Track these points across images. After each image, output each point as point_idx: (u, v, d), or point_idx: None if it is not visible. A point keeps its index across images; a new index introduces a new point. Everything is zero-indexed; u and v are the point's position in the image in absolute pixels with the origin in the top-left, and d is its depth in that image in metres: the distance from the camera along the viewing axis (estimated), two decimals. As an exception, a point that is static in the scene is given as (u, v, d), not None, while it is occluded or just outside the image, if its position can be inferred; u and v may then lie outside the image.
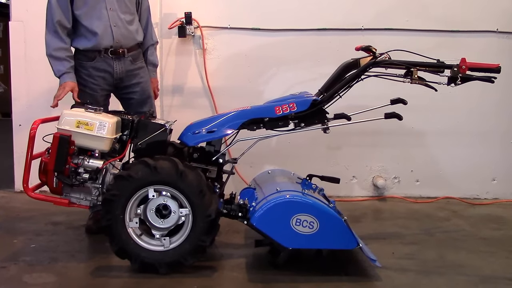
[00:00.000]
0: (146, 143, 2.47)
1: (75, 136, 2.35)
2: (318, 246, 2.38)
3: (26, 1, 3.78)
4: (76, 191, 2.44)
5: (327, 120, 2.50)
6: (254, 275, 2.36)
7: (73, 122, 2.35)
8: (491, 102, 3.88)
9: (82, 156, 2.40)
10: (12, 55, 3.84)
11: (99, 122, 2.36)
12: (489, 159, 3.91)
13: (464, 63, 2.33)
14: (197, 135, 2.48)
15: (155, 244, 2.33)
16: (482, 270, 2.45)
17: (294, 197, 2.31)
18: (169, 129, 2.56)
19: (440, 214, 3.47)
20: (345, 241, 2.30)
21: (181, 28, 3.76)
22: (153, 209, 2.31)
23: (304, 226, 2.26)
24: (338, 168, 3.83)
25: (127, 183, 2.27)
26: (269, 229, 2.28)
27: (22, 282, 2.26)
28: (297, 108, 2.46)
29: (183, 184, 2.26)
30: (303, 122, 2.50)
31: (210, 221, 2.27)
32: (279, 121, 2.50)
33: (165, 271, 2.30)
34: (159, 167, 2.26)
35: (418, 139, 3.90)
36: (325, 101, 2.49)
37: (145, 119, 2.54)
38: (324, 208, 2.31)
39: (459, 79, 2.35)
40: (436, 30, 3.77)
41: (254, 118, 2.49)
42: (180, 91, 3.87)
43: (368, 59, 2.54)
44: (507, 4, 3.81)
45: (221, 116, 2.52)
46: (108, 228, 2.29)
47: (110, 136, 2.37)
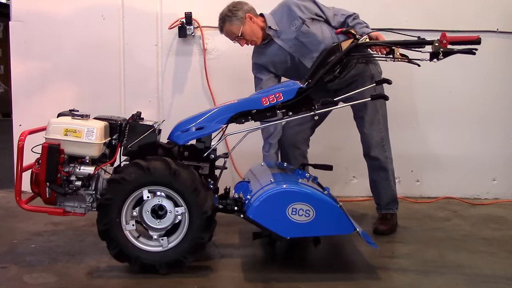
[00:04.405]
0: (136, 145, 2.46)
1: (64, 144, 2.33)
2: (316, 234, 2.38)
3: (26, 1, 3.78)
4: (70, 200, 2.42)
5: (314, 107, 2.49)
6: (254, 275, 2.36)
7: (61, 130, 2.33)
8: (491, 102, 3.88)
9: (73, 163, 2.38)
10: (12, 55, 3.84)
11: (87, 128, 2.33)
12: (489, 159, 3.91)
13: (444, 38, 2.34)
14: (186, 133, 2.47)
15: (154, 245, 2.32)
16: (482, 270, 2.45)
17: (288, 187, 2.30)
18: (158, 130, 2.55)
19: (440, 214, 3.47)
20: (342, 226, 2.29)
21: (181, 28, 3.76)
22: (149, 210, 2.30)
23: (300, 214, 2.25)
24: (338, 168, 3.82)
25: (121, 186, 2.26)
26: (266, 220, 2.27)
27: (22, 282, 2.25)
28: (284, 98, 2.44)
29: (177, 183, 2.26)
30: (291, 110, 2.49)
31: (206, 218, 2.27)
32: (267, 112, 2.48)
33: (166, 271, 2.29)
34: (152, 168, 2.25)
35: (418, 139, 3.90)
36: (310, 88, 2.48)
37: (132, 121, 2.52)
38: (319, 195, 2.30)
39: (440, 54, 2.35)
40: (436, 30, 3.75)
41: (241, 111, 2.48)
42: (180, 91, 3.87)
43: (349, 42, 2.54)
44: (507, 4, 3.81)
45: (209, 112, 2.50)
46: (105, 232, 2.28)
47: (99, 142, 2.35)
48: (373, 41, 2.56)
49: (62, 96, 3.83)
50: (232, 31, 2.93)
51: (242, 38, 2.95)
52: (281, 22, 2.93)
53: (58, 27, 3.80)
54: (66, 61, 3.83)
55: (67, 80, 3.85)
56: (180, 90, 3.88)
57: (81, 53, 3.82)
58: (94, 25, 3.80)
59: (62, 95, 3.83)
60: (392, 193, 3.04)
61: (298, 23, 2.87)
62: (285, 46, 2.94)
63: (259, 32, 2.95)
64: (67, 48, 3.82)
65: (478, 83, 3.87)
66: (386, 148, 3.01)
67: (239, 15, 2.88)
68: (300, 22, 2.87)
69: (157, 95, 3.87)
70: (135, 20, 3.82)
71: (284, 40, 2.93)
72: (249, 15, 2.90)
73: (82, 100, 3.84)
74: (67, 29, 3.80)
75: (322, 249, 2.74)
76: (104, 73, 3.84)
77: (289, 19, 2.90)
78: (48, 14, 3.79)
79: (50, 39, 3.80)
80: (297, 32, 2.88)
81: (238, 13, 2.89)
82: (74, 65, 3.83)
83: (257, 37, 2.95)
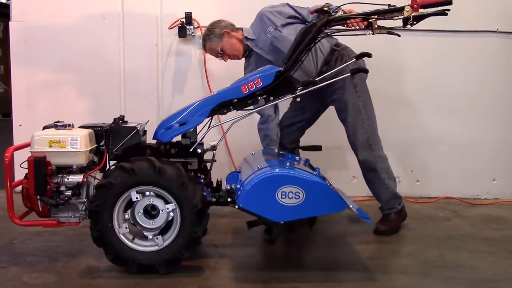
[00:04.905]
0: (122, 149, 2.46)
1: (50, 156, 2.32)
2: (308, 215, 2.38)
3: (26, 1, 3.78)
4: (63, 210, 2.42)
5: (295, 89, 2.49)
6: (254, 275, 2.36)
7: (45, 142, 2.33)
8: (492, 102, 3.88)
9: (61, 174, 2.38)
10: (12, 55, 3.84)
11: (71, 137, 2.33)
12: (489, 159, 3.91)
13: (415, 2, 2.35)
14: (170, 130, 2.47)
15: (149, 245, 2.33)
16: (482, 270, 2.45)
17: (274, 171, 2.28)
18: (142, 131, 2.55)
19: (441, 214, 3.47)
20: (333, 204, 2.28)
21: (181, 28, 3.76)
22: (141, 211, 2.30)
23: (290, 197, 2.24)
24: (338, 168, 3.83)
25: (108, 190, 2.26)
26: (256, 208, 2.27)
27: (22, 282, 2.25)
28: (263, 83, 2.44)
29: (163, 180, 2.26)
30: (272, 95, 2.49)
31: (197, 211, 2.27)
32: (248, 100, 2.48)
33: (165, 270, 2.29)
34: (136, 169, 2.26)
35: (418, 139, 3.90)
36: (288, 70, 2.47)
37: (115, 125, 2.52)
38: (306, 176, 2.28)
39: (411, 19, 2.35)
40: (436, 30, 3.77)
41: (222, 101, 2.48)
42: (180, 91, 3.87)
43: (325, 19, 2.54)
44: (507, 4, 3.81)
45: (190, 107, 2.50)
46: (99, 238, 2.29)
47: (84, 149, 2.35)
48: (346, 15, 2.53)
49: (62, 96, 3.83)
50: (212, 48, 3.08)
51: (224, 54, 3.08)
52: (258, 32, 3.03)
53: (58, 27, 3.80)
54: (66, 61, 3.83)
55: (67, 80, 3.85)
56: (180, 90, 3.88)
57: (81, 53, 3.82)
58: (94, 25, 3.80)
59: (62, 95, 3.83)
60: (389, 190, 2.99)
61: (272, 29, 2.96)
62: (263, 53, 3.02)
63: (239, 45, 3.07)
64: (67, 48, 3.82)
65: (478, 83, 3.87)
66: (375, 147, 2.95)
67: (216, 32, 3.03)
68: (273, 28, 2.95)
69: (157, 95, 3.88)
70: (135, 20, 3.83)
71: (261, 48, 3.02)
72: (226, 30, 3.03)
73: (82, 100, 3.85)
74: (67, 29, 3.80)
75: (322, 249, 2.74)
76: (104, 73, 3.84)
77: (264, 27, 2.99)
78: (48, 14, 3.79)
79: (50, 39, 3.80)
80: (271, 38, 2.96)
81: (215, 30, 3.04)
82: (74, 65, 3.83)
83: (238, 51, 3.08)
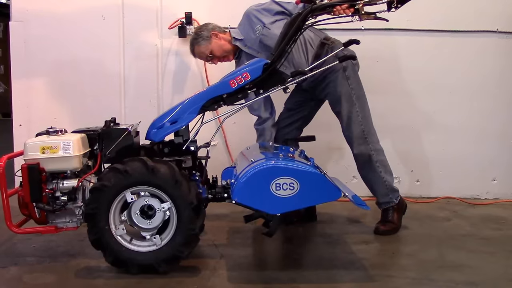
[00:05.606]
0: (114, 151, 2.46)
1: (44, 162, 2.32)
2: (304, 205, 2.36)
3: (26, 1, 3.78)
4: (60, 216, 2.41)
5: (284, 80, 2.49)
6: (254, 275, 2.36)
7: (38, 148, 2.33)
8: (491, 102, 3.88)
9: (56, 180, 2.38)
10: (12, 55, 3.84)
11: (63, 142, 2.33)
12: (489, 159, 3.91)
13: None
14: (161, 129, 2.48)
15: (147, 245, 2.33)
16: (482, 270, 2.45)
17: (266, 164, 2.27)
18: (134, 132, 2.55)
19: (441, 214, 3.47)
20: (329, 193, 2.27)
21: (181, 28, 3.76)
22: (138, 212, 2.30)
23: (285, 189, 2.23)
24: (338, 168, 3.83)
25: (102, 193, 2.26)
26: (251, 201, 2.26)
27: (22, 282, 2.26)
28: (251, 76, 2.43)
29: (156, 179, 2.26)
30: (262, 88, 2.49)
31: (193, 208, 2.27)
32: (238, 94, 2.48)
33: (165, 269, 2.30)
34: (129, 169, 2.26)
35: (418, 139, 3.90)
36: (275, 62, 2.47)
37: (107, 127, 2.52)
38: (299, 166, 2.28)
39: (395, 2, 2.36)
40: (436, 30, 3.77)
41: (212, 97, 2.48)
42: (180, 91, 3.87)
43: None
44: (507, 4, 3.80)
45: (180, 104, 2.50)
46: (97, 241, 2.29)
47: (77, 154, 2.35)
48: (330, 2, 2.50)
49: (62, 96, 3.83)
50: (201, 52, 3.06)
51: (213, 57, 3.06)
52: (246, 31, 3.00)
53: (58, 27, 3.80)
54: (66, 61, 3.83)
55: (67, 80, 3.85)
56: (180, 90, 3.88)
57: (81, 53, 3.82)
58: (94, 25, 3.81)
59: (62, 95, 3.83)
60: (385, 184, 2.96)
61: (260, 27, 2.94)
62: (253, 52, 2.99)
63: (228, 47, 3.05)
64: (67, 48, 3.82)
65: (478, 83, 3.87)
66: (370, 140, 2.91)
67: (204, 35, 3.01)
68: (261, 26, 2.93)
69: (157, 95, 3.88)
70: (135, 20, 3.83)
71: (251, 47, 3.00)
72: (214, 32, 3.01)
73: (82, 100, 3.84)
74: (67, 29, 3.81)
75: (322, 249, 2.74)
76: (104, 73, 3.84)
77: (252, 26, 2.96)
78: (48, 14, 3.79)
79: (50, 39, 3.80)
80: (260, 36, 2.94)
81: (203, 33, 3.02)
82: (74, 65, 3.83)
83: (227, 52, 3.06)
